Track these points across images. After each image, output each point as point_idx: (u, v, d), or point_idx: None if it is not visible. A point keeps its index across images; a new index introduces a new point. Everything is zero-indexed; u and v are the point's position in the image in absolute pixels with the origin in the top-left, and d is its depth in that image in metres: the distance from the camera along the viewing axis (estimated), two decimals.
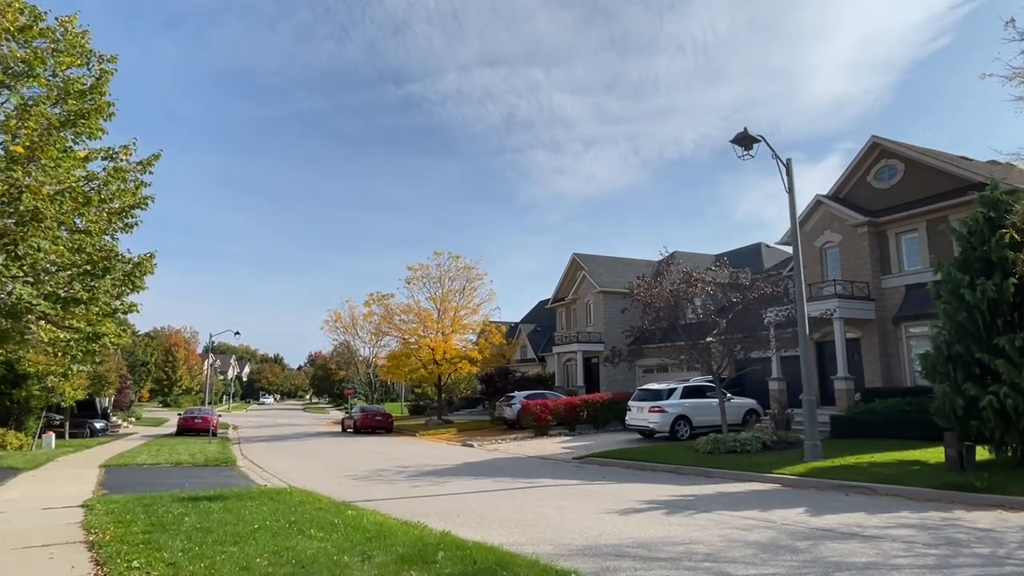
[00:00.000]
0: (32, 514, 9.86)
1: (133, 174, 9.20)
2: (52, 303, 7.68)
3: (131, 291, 9.59)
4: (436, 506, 10.88)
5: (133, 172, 9.22)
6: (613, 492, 12.17)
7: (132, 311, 9.88)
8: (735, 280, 17.28)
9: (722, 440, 17.16)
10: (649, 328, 18.78)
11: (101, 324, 9.13)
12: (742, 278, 17.38)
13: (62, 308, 8.05)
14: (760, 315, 18.61)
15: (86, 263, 8.39)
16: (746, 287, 17.05)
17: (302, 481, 14.76)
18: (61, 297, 7.99)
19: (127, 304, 9.90)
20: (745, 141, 15.31)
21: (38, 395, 22.32)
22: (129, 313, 9.78)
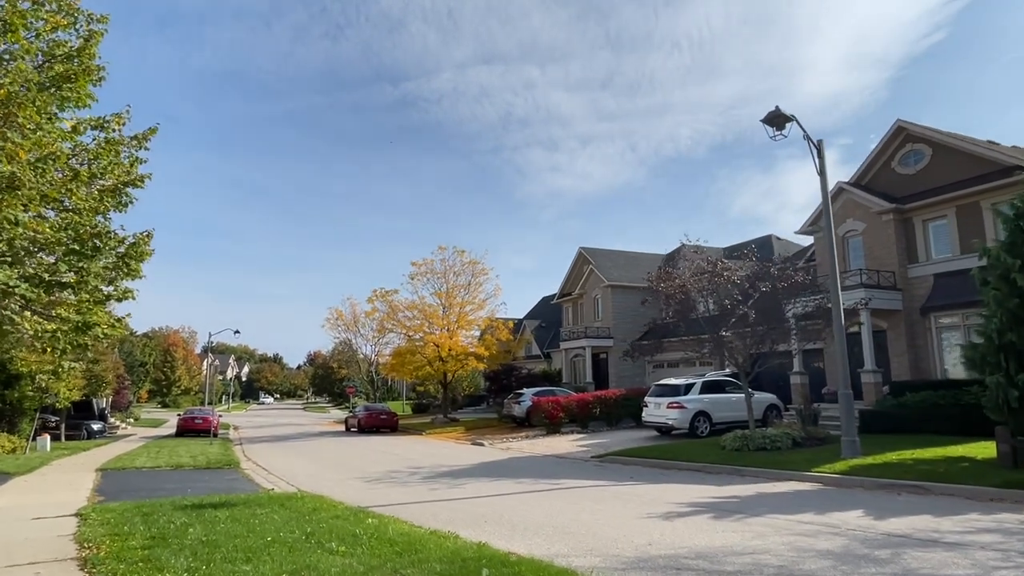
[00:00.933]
0: (20, 525, 9.00)
1: (127, 149, 8.31)
2: (34, 286, 6.79)
3: (125, 275, 8.68)
4: (460, 511, 10.06)
5: (127, 147, 8.32)
6: (646, 494, 11.35)
7: (127, 298, 8.93)
8: (764, 269, 16.43)
9: (750, 437, 16.35)
10: (672, 320, 17.93)
11: (91, 313, 8.22)
12: (770, 267, 16.52)
13: (45, 292, 7.15)
14: (781, 307, 17.80)
15: (73, 241, 7.51)
16: (775, 276, 16.21)
17: (311, 484, 13.93)
18: (45, 280, 7.09)
19: (121, 290, 8.90)
20: (777, 121, 14.50)
21: (32, 396, 21.44)
22: (124, 300, 8.81)
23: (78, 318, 8.12)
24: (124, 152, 8.28)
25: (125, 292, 9.04)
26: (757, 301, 16.28)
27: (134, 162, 8.42)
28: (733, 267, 16.74)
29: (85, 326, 8.19)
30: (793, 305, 17.85)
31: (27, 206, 6.03)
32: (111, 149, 7.94)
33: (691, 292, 18.19)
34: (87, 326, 8.25)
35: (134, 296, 9.25)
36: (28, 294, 6.38)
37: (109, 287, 8.36)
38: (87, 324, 8.30)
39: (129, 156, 8.37)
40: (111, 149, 7.94)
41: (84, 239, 7.51)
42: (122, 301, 8.87)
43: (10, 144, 5.71)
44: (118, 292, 8.94)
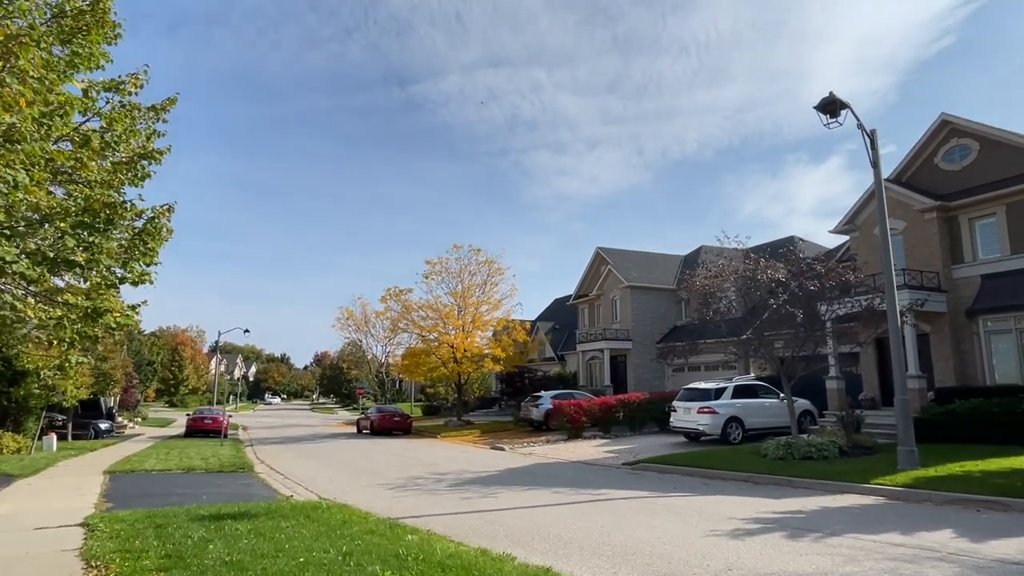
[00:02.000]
0: (21, 537, 8.17)
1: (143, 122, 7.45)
2: (36, 263, 5.93)
3: (142, 256, 7.80)
4: (500, 525, 9.17)
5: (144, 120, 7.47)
6: (700, 507, 10.43)
7: (143, 281, 7.88)
8: (809, 267, 15.48)
9: (795, 445, 15.40)
10: (705, 321, 16.99)
11: (103, 298, 7.38)
12: (816, 265, 15.58)
13: (50, 271, 6.29)
14: (817, 308, 16.85)
15: (83, 212, 6.61)
16: (822, 275, 15.27)
17: (332, 491, 13.07)
18: (49, 258, 6.23)
19: (137, 272, 7.86)
20: (831, 107, 13.57)
21: (38, 394, 20.68)
22: (140, 284, 7.84)
23: (87, 304, 7.24)
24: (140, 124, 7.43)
25: (142, 275, 7.91)
26: (801, 300, 15.33)
27: (151, 134, 7.56)
28: (777, 265, 15.79)
29: (95, 313, 7.26)
30: (835, 306, 16.88)
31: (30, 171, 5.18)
32: (127, 114, 7.06)
33: (731, 290, 17.28)
34: (97, 313, 7.27)
35: (152, 279, 8.14)
36: (29, 272, 5.49)
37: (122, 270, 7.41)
38: (97, 311, 7.23)
39: (146, 128, 7.51)
40: (127, 114, 7.06)
41: (95, 209, 6.62)
42: (138, 285, 7.72)
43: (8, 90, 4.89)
44: (134, 275, 7.83)
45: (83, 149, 6.48)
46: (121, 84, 7.03)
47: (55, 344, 7.61)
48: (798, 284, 15.35)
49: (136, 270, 7.70)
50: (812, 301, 15.89)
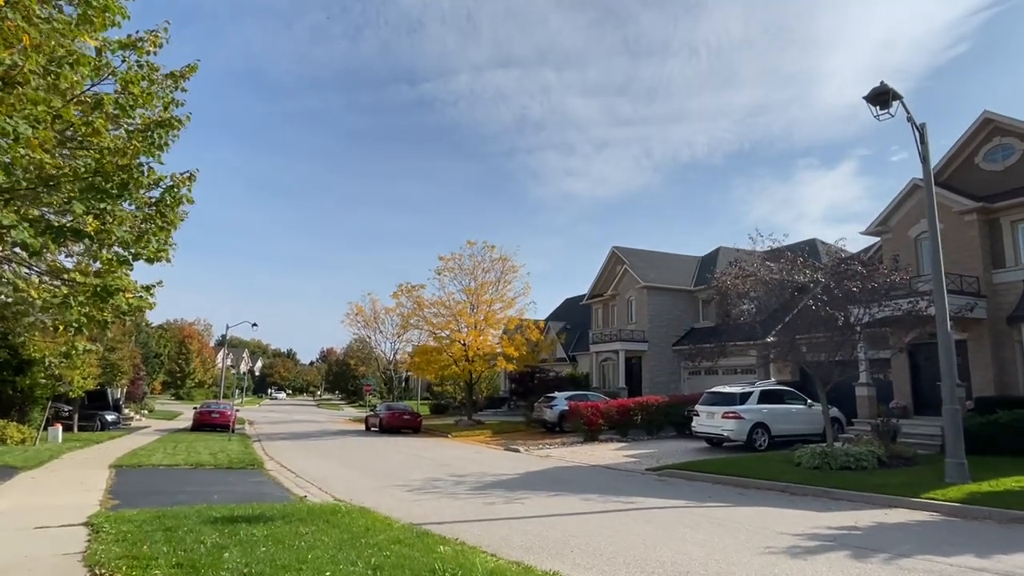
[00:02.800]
0: (21, 537, 7.56)
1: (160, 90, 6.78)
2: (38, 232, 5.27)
3: (159, 230, 6.96)
4: (534, 535, 8.50)
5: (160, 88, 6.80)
6: (744, 520, 9.73)
7: (160, 259, 6.97)
8: (850, 268, 14.72)
9: (831, 454, 14.66)
10: (746, 321, 16.28)
11: (114, 277, 6.58)
12: (856, 265, 14.82)
13: (54, 241, 5.63)
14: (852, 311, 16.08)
15: (93, 174, 5.79)
16: (865, 276, 14.52)
17: (347, 491, 12.44)
18: (54, 226, 5.58)
19: (152, 248, 6.83)
20: (882, 98, 12.82)
21: (44, 383, 20.15)
22: (155, 262, 6.98)
23: (97, 282, 6.51)
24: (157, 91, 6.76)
25: (158, 251, 6.92)
26: (841, 302, 14.59)
27: (169, 103, 6.89)
28: (816, 264, 15.05)
29: (105, 292, 6.44)
30: (873, 309, 16.11)
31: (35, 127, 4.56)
32: (144, 76, 6.37)
33: (761, 291, 16.54)
34: (107, 292, 6.46)
35: (169, 256, 7.16)
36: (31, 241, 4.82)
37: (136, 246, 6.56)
38: (107, 290, 6.46)
39: (164, 97, 6.84)
40: (144, 76, 6.37)
41: (108, 172, 5.85)
42: (153, 263, 6.96)
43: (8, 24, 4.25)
44: (149, 250, 6.82)
45: (95, 112, 5.82)
46: (138, 42, 6.30)
47: (61, 329, 6.97)
48: (837, 285, 14.60)
49: (151, 245, 6.87)
50: (850, 303, 15.16)
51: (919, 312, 14.99)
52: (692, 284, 36.89)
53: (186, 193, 6.83)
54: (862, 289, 14.51)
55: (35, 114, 4.63)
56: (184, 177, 6.83)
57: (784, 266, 15.28)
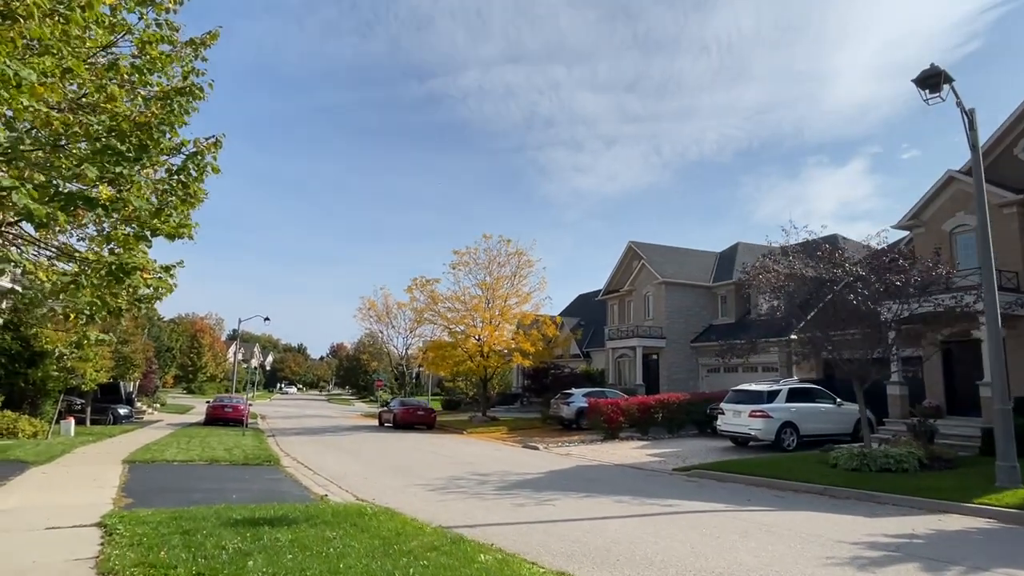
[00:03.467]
0: (30, 539, 7.11)
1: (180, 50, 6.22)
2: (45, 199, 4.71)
3: (181, 203, 6.24)
4: (573, 540, 7.96)
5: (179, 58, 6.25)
6: (791, 525, 9.15)
7: (181, 235, 6.18)
8: (893, 261, 14.04)
9: (870, 456, 14.03)
10: (781, 316, 15.63)
11: (130, 254, 5.81)
12: (898, 259, 14.14)
13: (62, 210, 4.89)
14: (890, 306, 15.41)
15: (107, 132, 5.15)
16: (907, 270, 13.85)
17: (368, 490, 11.96)
18: (62, 193, 4.88)
19: (173, 223, 6.05)
20: (931, 81, 12.12)
21: (56, 376, 19.80)
22: (177, 239, 6.23)
23: (111, 259, 5.75)
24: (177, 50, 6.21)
25: (179, 226, 6.12)
26: (883, 296, 13.94)
27: (188, 72, 6.33)
28: (855, 257, 14.39)
29: (121, 271, 5.62)
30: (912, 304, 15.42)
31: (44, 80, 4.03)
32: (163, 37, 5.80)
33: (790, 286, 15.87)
34: (124, 271, 5.64)
35: (191, 232, 6.33)
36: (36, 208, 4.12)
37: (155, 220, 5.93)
38: (123, 268, 5.63)
39: (184, 65, 6.30)
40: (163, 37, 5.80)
41: (124, 131, 5.24)
42: (174, 239, 6.23)
43: None
44: (169, 225, 6.02)
45: (110, 73, 5.28)
46: None
47: (72, 317, 6.45)
48: (878, 278, 13.94)
49: (172, 220, 6.13)
50: (891, 298, 14.48)
51: (964, 308, 14.31)
52: (711, 280, 36.20)
53: (211, 161, 6.17)
54: (905, 283, 13.84)
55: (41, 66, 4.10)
56: (209, 143, 6.18)
57: (822, 259, 14.62)
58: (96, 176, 4.69)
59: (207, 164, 6.16)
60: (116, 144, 4.93)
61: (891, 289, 13.79)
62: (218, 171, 6.20)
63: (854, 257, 14.77)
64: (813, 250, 15.16)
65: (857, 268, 14.01)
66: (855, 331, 15.52)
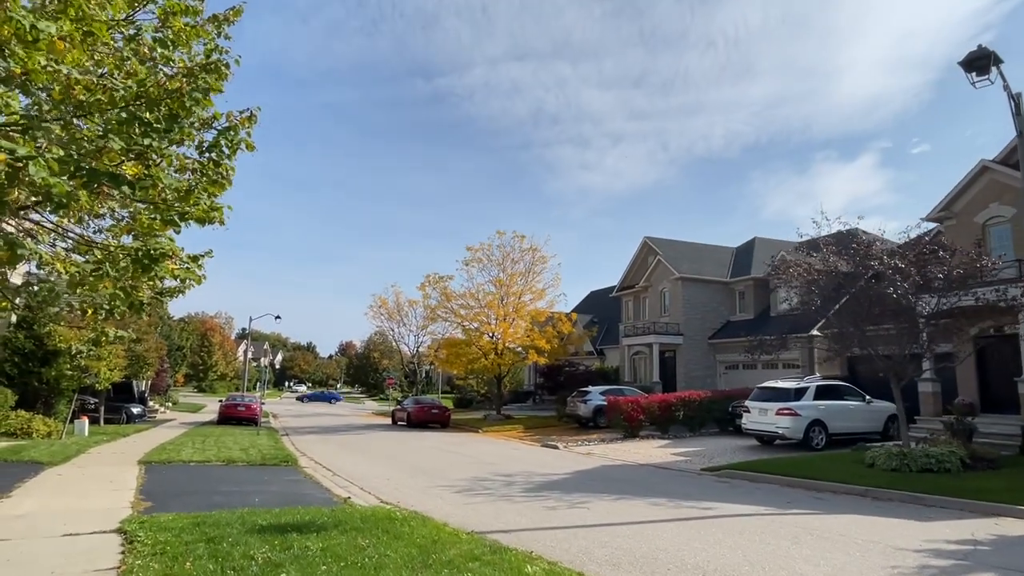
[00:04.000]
0: (47, 548, 6.74)
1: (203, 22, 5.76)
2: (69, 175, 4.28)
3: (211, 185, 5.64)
4: (615, 547, 7.52)
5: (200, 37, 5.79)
6: (843, 531, 8.66)
7: (212, 220, 5.73)
8: (934, 253, 13.49)
9: (910, 455, 13.50)
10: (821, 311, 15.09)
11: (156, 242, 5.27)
12: (939, 251, 13.59)
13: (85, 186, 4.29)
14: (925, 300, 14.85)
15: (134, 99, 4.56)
16: (948, 261, 13.31)
17: (391, 492, 11.56)
18: (84, 168, 4.25)
19: (204, 206, 5.58)
20: (979, 63, 11.57)
21: (70, 375, 19.53)
22: (207, 224, 5.76)
23: (137, 245, 5.26)
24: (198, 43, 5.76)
25: (210, 210, 5.64)
26: (924, 289, 13.41)
27: (211, 51, 5.88)
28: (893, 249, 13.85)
29: (148, 258, 5.11)
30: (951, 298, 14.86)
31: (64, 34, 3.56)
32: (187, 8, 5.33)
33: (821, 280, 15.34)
34: (151, 259, 5.12)
35: (222, 217, 5.91)
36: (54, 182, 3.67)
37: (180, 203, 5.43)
38: (150, 255, 5.11)
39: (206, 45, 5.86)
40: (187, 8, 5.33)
41: (153, 97, 4.67)
42: (205, 224, 5.77)
43: None
44: (199, 208, 5.54)
45: (131, 45, 4.85)
46: None
47: (89, 313, 6.04)
48: (919, 270, 13.40)
49: (202, 203, 5.60)
50: (931, 291, 13.94)
51: (1011, 302, 13.74)
52: (728, 276, 35.63)
53: (245, 137, 5.70)
54: (947, 275, 13.29)
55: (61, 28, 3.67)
56: (243, 117, 5.67)
57: (857, 251, 14.08)
58: (122, 149, 4.23)
59: (240, 140, 5.69)
60: (143, 112, 4.48)
61: (934, 282, 13.24)
62: (253, 148, 5.69)
63: (890, 249, 14.22)
64: (846, 243, 14.64)
65: (896, 260, 13.46)
66: (890, 326, 15.00)
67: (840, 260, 14.38)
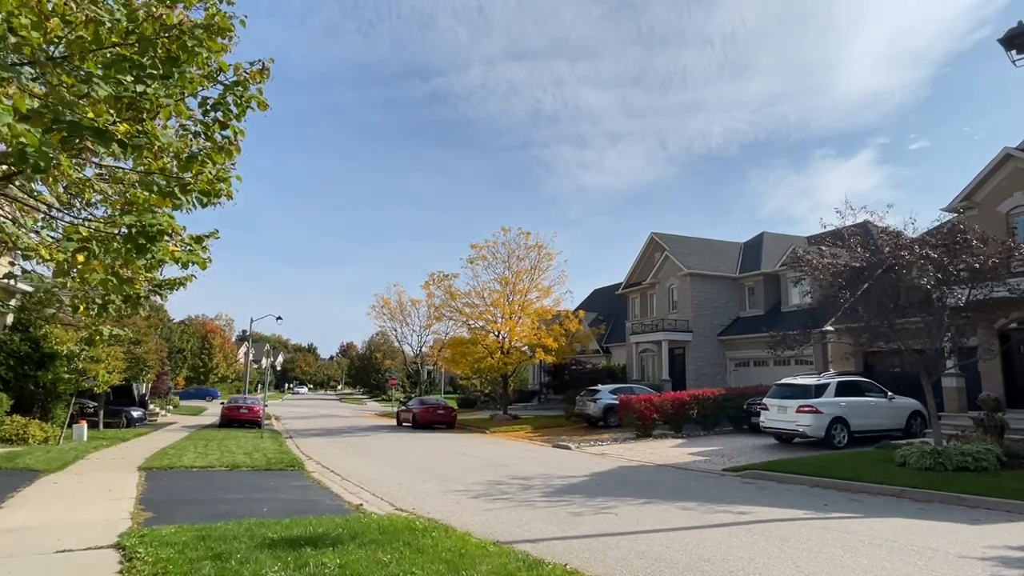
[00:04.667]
0: (38, 565, 6.15)
1: None
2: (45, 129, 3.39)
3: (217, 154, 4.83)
4: (654, 557, 6.94)
5: None
6: (894, 536, 8.08)
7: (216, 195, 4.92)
8: (965, 244, 12.91)
9: (945, 453, 12.93)
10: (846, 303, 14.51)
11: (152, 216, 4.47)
12: (975, 242, 12.99)
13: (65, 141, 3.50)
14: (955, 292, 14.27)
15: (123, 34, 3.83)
16: (981, 251, 12.73)
17: (405, 498, 10.97)
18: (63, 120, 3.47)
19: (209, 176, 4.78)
20: (1020, 40, 10.95)
21: (67, 378, 18.91)
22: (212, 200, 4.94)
23: (130, 220, 4.41)
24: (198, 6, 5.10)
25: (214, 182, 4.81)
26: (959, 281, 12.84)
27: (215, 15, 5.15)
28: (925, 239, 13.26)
29: (143, 235, 4.34)
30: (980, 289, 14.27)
31: None
32: None
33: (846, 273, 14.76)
34: (146, 236, 4.36)
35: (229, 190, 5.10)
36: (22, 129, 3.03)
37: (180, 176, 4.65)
38: (145, 232, 4.35)
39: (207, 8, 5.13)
40: None
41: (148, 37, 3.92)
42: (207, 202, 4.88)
43: None
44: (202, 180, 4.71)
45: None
46: None
47: (82, 308, 5.43)
48: (951, 260, 12.82)
49: (206, 172, 4.75)
50: (962, 282, 13.36)
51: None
52: (736, 271, 35.05)
53: (256, 93, 4.99)
54: (983, 265, 12.71)
55: None
56: (254, 71, 4.87)
57: (887, 240, 13.50)
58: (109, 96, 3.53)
59: (251, 97, 4.97)
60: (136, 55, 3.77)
61: (972, 271, 12.66)
62: (265, 107, 4.95)
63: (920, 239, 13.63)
64: (873, 233, 14.06)
65: (927, 250, 12.87)
66: (917, 319, 14.42)
67: (867, 251, 13.80)
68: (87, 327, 9.21)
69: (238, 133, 4.89)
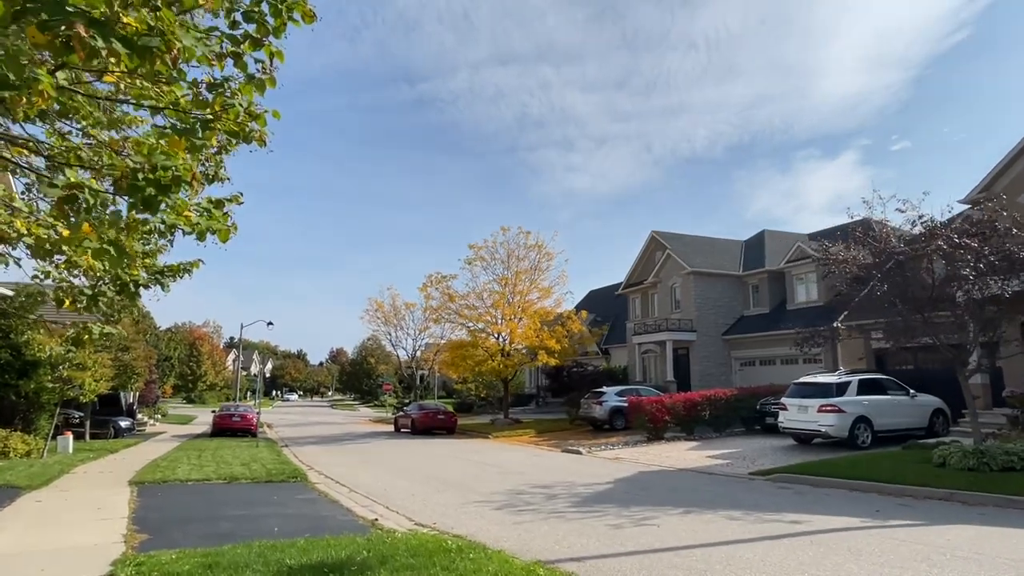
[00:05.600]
0: None
1: None
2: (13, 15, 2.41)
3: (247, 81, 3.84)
4: None
5: None
6: (973, 547, 7.36)
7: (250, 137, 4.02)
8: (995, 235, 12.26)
9: (990, 453, 12.27)
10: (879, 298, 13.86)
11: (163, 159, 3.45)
12: (1016, 231, 12.35)
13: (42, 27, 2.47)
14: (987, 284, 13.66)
15: None
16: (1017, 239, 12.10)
17: (423, 511, 10.12)
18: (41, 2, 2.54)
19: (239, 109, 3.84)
20: None
21: (51, 388, 17.88)
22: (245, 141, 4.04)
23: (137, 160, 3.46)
24: None
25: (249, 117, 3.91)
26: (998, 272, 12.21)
27: None
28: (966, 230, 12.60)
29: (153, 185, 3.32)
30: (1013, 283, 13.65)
31: None
32: None
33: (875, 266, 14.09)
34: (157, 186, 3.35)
35: (264, 133, 4.17)
36: None
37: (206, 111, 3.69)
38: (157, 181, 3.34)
39: None
40: None
41: None
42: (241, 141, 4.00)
43: None
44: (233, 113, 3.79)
45: None
46: None
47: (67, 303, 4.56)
48: (992, 250, 12.18)
49: (235, 106, 3.75)
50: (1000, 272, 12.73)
51: None
52: (740, 269, 34.46)
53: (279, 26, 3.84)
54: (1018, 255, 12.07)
55: None
56: None
57: (923, 234, 12.85)
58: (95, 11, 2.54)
59: (294, 5, 3.90)
60: None
61: (1009, 261, 12.02)
62: (312, 18, 3.94)
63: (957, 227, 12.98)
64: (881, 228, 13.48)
65: (965, 239, 12.22)
66: (948, 312, 13.77)
67: (900, 242, 13.16)
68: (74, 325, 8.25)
69: (275, 55, 3.93)
